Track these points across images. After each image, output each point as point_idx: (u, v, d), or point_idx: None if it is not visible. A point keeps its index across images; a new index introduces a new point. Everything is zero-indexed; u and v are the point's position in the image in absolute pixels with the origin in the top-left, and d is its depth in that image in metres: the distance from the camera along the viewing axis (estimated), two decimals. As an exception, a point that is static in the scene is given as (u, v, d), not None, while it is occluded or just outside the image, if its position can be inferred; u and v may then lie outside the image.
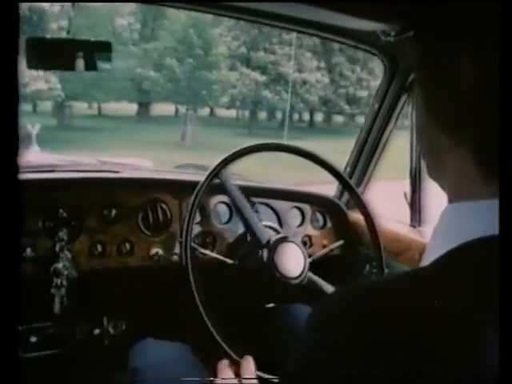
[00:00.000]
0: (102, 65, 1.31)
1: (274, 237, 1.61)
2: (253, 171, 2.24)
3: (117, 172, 1.95)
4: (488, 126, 0.52)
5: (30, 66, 1.22)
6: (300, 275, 1.57)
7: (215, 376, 1.20)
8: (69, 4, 1.26)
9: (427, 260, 0.55)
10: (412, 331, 0.48)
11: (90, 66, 1.29)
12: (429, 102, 0.59)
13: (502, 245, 0.49)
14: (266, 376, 1.34)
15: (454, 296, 0.49)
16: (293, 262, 1.57)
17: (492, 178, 0.53)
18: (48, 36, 1.72)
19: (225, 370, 1.21)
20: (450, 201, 0.59)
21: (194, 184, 1.59)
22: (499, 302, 0.47)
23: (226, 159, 1.58)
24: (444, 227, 0.58)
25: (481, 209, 0.54)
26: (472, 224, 0.54)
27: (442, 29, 0.56)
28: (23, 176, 1.42)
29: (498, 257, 0.49)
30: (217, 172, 1.57)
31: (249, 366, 1.23)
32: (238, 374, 1.21)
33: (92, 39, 1.32)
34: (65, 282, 1.62)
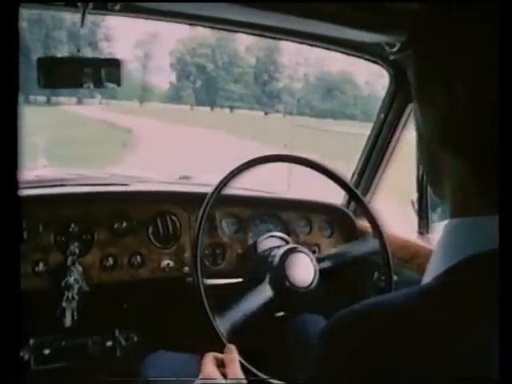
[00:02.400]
0: (111, 81, 1.33)
1: (283, 247, 1.63)
2: (259, 182, 2.25)
3: (126, 185, 1.98)
4: (485, 143, 0.53)
5: (43, 84, 1.24)
6: (310, 284, 1.59)
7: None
8: (78, 23, 1.28)
9: (430, 275, 0.57)
10: (419, 348, 0.48)
11: (100, 83, 1.31)
12: (427, 119, 0.60)
13: (502, 260, 0.50)
14: (249, 366, 1.36)
15: (456, 312, 0.50)
16: (303, 271, 1.59)
17: (491, 194, 0.54)
18: (59, 55, 1.74)
19: (208, 364, 1.20)
20: (452, 216, 0.59)
21: (202, 195, 1.60)
22: (499, 317, 0.48)
23: (233, 171, 1.60)
24: (445, 243, 0.58)
25: (480, 224, 0.54)
26: (472, 240, 0.55)
27: (438, 48, 0.56)
28: (34, 191, 1.44)
29: (496, 272, 0.49)
30: (224, 184, 1.59)
31: (232, 355, 1.22)
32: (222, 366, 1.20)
33: (102, 57, 1.34)
34: (76, 296, 1.64)
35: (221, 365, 1.21)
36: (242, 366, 1.28)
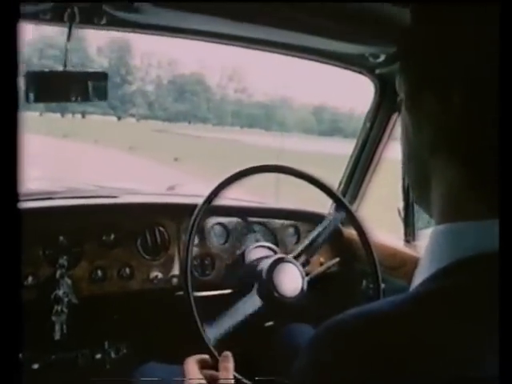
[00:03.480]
0: (98, 95, 1.34)
1: (271, 257, 1.64)
2: (249, 192, 2.26)
3: (114, 197, 1.98)
4: (480, 149, 0.54)
5: (31, 99, 1.24)
6: (298, 294, 1.60)
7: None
8: (64, 37, 1.28)
9: (417, 281, 0.57)
10: (406, 356, 0.49)
11: (87, 96, 1.32)
12: (418, 127, 0.60)
13: (501, 262, 0.50)
14: (240, 377, 1.37)
15: (442, 318, 0.50)
16: (290, 281, 1.60)
17: (479, 199, 0.55)
18: (45, 69, 1.73)
19: (191, 367, 1.20)
20: (437, 222, 0.60)
21: (190, 207, 1.61)
22: (499, 316, 0.49)
23: (222, 183, 1.61)
24: (431, 249, 0.59)
25: (466, 229, 0.55)
26: (458, 245, 0.55)
27: (432, 57, 0.57)
28: (22, 204, 1.44)
29: (483, 276, 0.51)
30: (214, 195, 1.60)
31: (227, 364, 1.23)
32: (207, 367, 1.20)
33: (89, 70, 1.35)
34: (65, 309, 1.63)
35: (205, 367, 1.21)
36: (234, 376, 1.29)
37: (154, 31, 1.46)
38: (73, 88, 1.31)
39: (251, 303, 1.56)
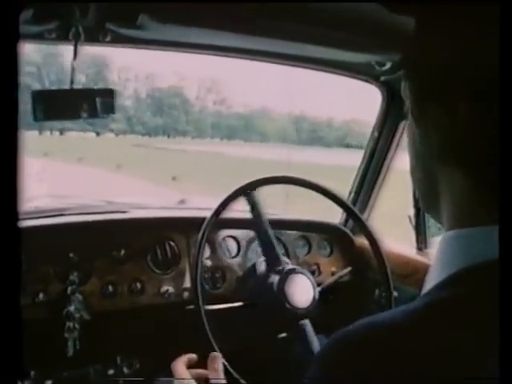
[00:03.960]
0: (106, 111, 1.34)
1: (282, 269, 1.64)
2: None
3: (124, 212, 1.98)
4: (486, 155, 0.54)
5: (39, 118, 1.25)
6: (310, 305, 1.59)
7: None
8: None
9: (427, 287, 0.57)
10: (415, 366, 0.49)
11: (95, 113, 1.33)
12: (425, 135, 0.60)
13: (502, 270, 0.50)
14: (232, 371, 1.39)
15: (452, 326, 0.50)
16: (302, 292, 1.60)
17: (488, 205, 0.55)
18: (52, 88, 1.76)
19: (178, 366, 1.21)
20: (447, 229, 0.60)
21: (200, 220, 1.62)
22: (493, 329, 0.48)
23: (230, 195, 1.61)
24: (441, 256, 0.59)
25: (476, 235, 0.55)
26: (468, 251, 0.55)
27: (438, 66, 0.57)
28: (32, 222, 1.45)
29: (490, 284, 0.50)
30: (223, 208, 1.60)
31: (215, 364, 1.22)
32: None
33: (95, 87, 1.36)
34: (77, 325, 1.63)
35: (193, 366, 1.21)
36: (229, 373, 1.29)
37: (158, 46, 1.47)
38: (81, 105, 1.31)
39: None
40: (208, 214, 1.62)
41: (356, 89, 1.93)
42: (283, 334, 1.79)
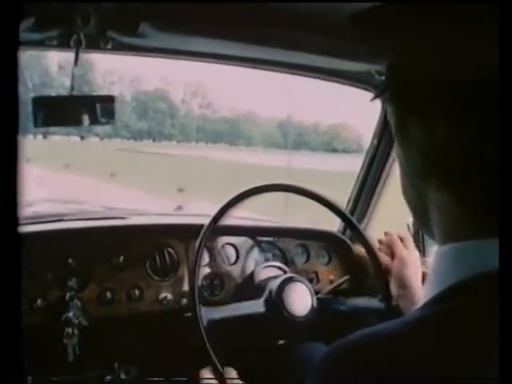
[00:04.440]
0: (106, 118, 1.35)
1: (280, 277, 1.64)
2: (258, 211, 2.27)
3: (123, 218, 1.99)
4: (465, 173, 0.55)
5: (39, 124, 1.26)
6: (308, 313, 1.59)
7: None
8: (71, 62, 1.30)
9: (423, 301, 0.58)
10: (416, 375, 0.49)
11: (96, 119, 1.33)
12: (409, 155, 0.61)
13: (502, 283, 0.51)
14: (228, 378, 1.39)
15: (448, 338, 0.51)
16: (300, 300, 1.60)
17: (476, 220, 0.56)
18: (52, 94, 1.76)
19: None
20: (440, 244, 0.61)
21: (199, 227, 1.62)
22: (488, 340, 0.49)
23: (229, 202, 1.61)
24: (435, 269, 0.60)
25: (469, 249, 0.56)
26: (460, 265, 0.56)
27: (415, 89, 0.58)
28: (31, 227, 1.45)
29: (485, 296, 0.51)
30: (221, 215, 1.60)
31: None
32: None
33: (95, 94, 1.37)
34: (76, 331, 1.63)
35: None
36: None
37: (160, 54, 1.48)
38: (81, 112, 1.32)
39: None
40: (206, 220, 1.62)
41: (343, 93, 1.92)
42: (281, 342, 1.79)
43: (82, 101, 1.34)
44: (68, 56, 1.30)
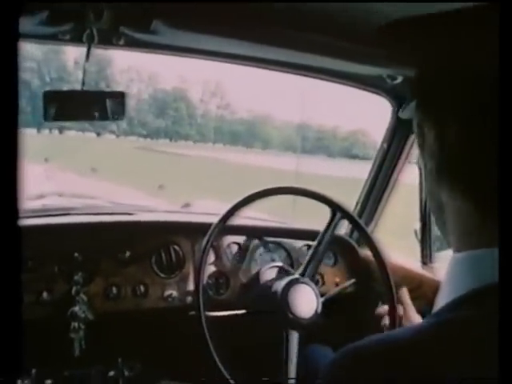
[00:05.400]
0: (116, 114, 1.35)
1: (286, 278, 1.63)
2: (265, 212, 2.26)
3: (130, 214, 1.99)
4: (477, 179, 0.56)
5: (50, 118, 1.27)
6: (313, 316, 1.59)
7: None
8: (83, 57, 1.30)
9: (436, 309, 0.58)
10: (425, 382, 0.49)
11: (106, 115, 1.33)
12: (424, 160, 0.63)
13: (501, 294, 0.50)
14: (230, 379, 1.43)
15: (459, 346, 0.51)
16: (305, 302, 1.59)
17: (490, 226, 0.55)
18: (64, 89, 1.77)
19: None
20: (454, 250, 0.61)
21: (206, 225, 1.62)
22: (499, 354, 0.48)
23: (237, 204, 1.62)
24: (449, 277, 0.60)
25: (481, 258, 0.56)
26: (474, 274, 0.56)
27: (432, 99, 0.60)
28: (38, 220, 1.46)
29: (495, 307, 0.50)
30: (230, 214, 1.60)
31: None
32: None
33: (106, 90, 1.37)
34: (82, 325, 1.64)
35: None
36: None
37: (172, 52, 1.48)
38: (92, 107, 1.32)
39: None
40: (214, 219, 1.62)
41: (364, 99, 1.92)
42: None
43: (92, 96, 1.34)
44: (84, 53, 1.30)
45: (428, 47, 0.63)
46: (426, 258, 1.95)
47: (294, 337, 1.57)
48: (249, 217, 2.04)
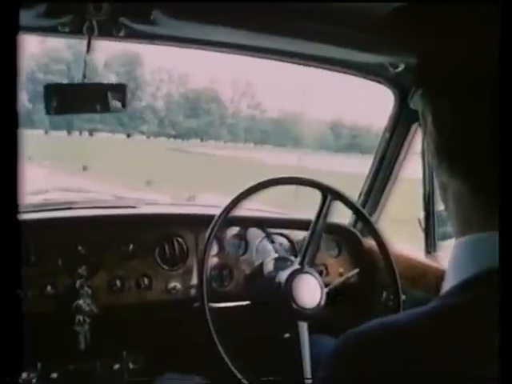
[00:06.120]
0: (116, 106, 1.35)
1: (289, 268, 1.63)
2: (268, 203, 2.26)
3: (133, 207, 1.99)
4: (475, 164, 0.56)
5: (51, 111, 1.26)
6: (317, 306, 1.59)
7: None
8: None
9: (442, 293, 0.58)
10: (424, 368, 0.49)
11: (107, 108, 1.33)
12: (427, 144, 0.63)
13: (502, 278, 0.50)
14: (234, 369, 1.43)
15: (460, 332, 0.50)
16: (309, 293, 1.59)
17: (490, 210, 0.56)
18: (65, 82, 1.77)
19: None
20: (457, 235, 0.61)
21: (209, 217, 1.62)
22: (500, 337, 0.48)
23: (240, 195, 1.62)
24: (453, 262, 0.60)
25: (487, 241, 0.55)
26: (477, 258, 0.56)
27: (432, 87, 0.61)
28: (41, 214, 1.45)
29: (498, 291, 0.50)
30: (232, 207, 1.60)
31: None
32: None
33: (107, 82, 1.36)
34: (87, 319, 1.64)
35: None
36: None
37: (172, 43, 1.47)
38: (93, 100, 1.32)
39: None
40: (217, 211, 1.62)
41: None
42: (288, 334, 1.79)
43: (94, 89, 1.34)
44: (114, 53, 1.29)
45: (429, 33, 0.63)
46: (430, 247, 1.95)
47: (304, 328, 1.57)
48: (251, 208, 2.04)
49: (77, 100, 1.32)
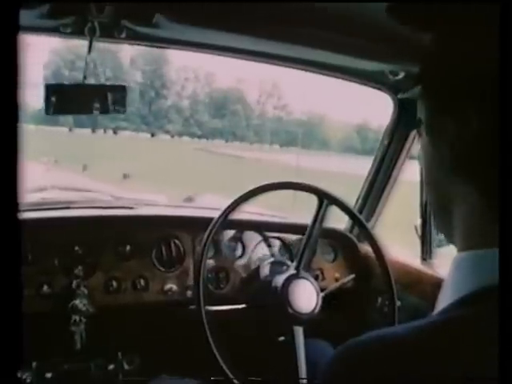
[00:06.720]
0: (117, 107, 1.35)
1: (285, 273, 1.64)
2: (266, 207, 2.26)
3: (130, 208, 1.99)
4: (494, 172, 0.53)
5: (51, 111, 1.26)
6: (312, 311, 1.59)
7: None
8: (85, 50, 1.30)
9: (439, 308, 0.57)
10: (422, 381, 0.49)
11: (107, 109, 1.33)
12: (437, 147, 0.60)
13: (502, 295, 0.50)
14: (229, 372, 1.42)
15: (459, 347, 0.50)
16: (305, 298, 1.60)
17: (494, 229, 0.54)
18: (65, 82, 1.77)
19: None
20: (460, 249, 0.60)
21: (206, 220, 1.62)
22: (499, 353, 0.48)
23: (239, 198, 1.62)
24: (453, 276, 0.59)
25: (488, 257, 0.55)
26: (479, 274, 0.55)
27: (448, 83, 0.58)
28: (38, 213, 1.45)
29: (497, 307, 0.50)
30: (230, 210, 1.61)
31: None
32: None
33: (108, 83, 1.37)
34: (83, 319, 1.64)
35: None
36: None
37: (174, 46, 1.48)
38: (93, 100, 1.32)
39: None
40: (215, 214, 1.62)
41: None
42: (282, 338, 1.79)
43: (94, 89, 1.34)
44: (139, 51, 1.30)
45: (430, 34, 0.62)
46: (426, 254, 1.95)
47: (300, 332, 1.57)
48: (249, 212, 2.04)
49: (77, 100, 1.32)
